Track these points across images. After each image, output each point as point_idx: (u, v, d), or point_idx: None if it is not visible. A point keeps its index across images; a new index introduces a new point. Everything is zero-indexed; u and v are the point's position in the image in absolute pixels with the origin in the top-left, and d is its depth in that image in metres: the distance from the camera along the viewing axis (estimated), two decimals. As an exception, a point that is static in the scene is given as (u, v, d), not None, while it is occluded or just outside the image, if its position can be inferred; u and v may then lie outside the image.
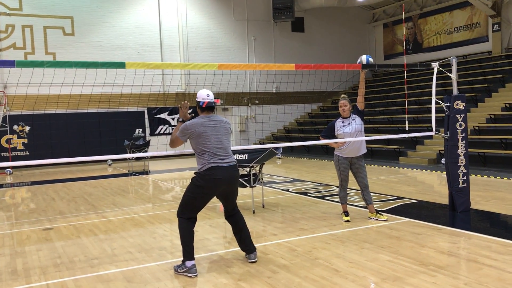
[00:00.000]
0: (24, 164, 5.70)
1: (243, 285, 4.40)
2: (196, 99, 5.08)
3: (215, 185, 4.80)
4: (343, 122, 6.88)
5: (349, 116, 6.89)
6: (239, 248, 5.28)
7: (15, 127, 18.12)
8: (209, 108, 5.02)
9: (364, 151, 6.93)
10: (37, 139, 18.27)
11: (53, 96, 16.59)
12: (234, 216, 5.13)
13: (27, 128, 18.29)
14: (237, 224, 5.09)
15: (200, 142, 4.83)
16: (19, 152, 18.17)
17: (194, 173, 4.92)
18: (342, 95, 7.00)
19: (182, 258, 4.82)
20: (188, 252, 4.78)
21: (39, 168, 17.95)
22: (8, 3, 18.09)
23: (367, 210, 7.04)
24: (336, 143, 6.85)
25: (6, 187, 13.22)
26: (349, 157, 6.84)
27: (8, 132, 17.94)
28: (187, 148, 5.23)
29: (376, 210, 6.99)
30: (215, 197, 5.03)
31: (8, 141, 17.97)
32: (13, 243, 6.40)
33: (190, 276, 4.68)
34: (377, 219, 6.81)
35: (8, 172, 16.70)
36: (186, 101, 5.25)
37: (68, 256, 5.63)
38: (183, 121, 5.13)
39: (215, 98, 5.21)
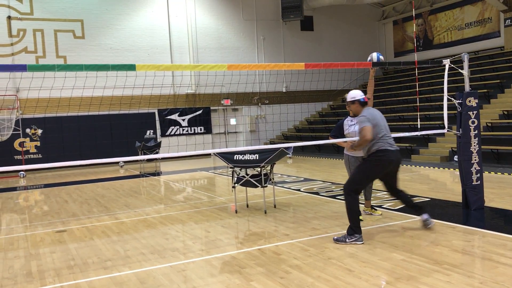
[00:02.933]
0: (37, 167, 5.76)
1: (256, 285, 4.39)
2: (353, 98, 6.09)
3: (388, 165, 5.72)
4: (351, 121, 6.85)
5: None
6: (252, 248, 5.27)
7: (27, 130, 18.31)
8: (366, 103, 6.07)
9: (374, 149, 6.89)
10: (50, 142, 18.44)
11: (64, 99, 16.78)
12: (398, 192, 6.11)
13: (39, 131, 18.46)
14: (401, 197, 6.15)
15: (375, 130, 5.68)
16: (32, 155, 18.35)
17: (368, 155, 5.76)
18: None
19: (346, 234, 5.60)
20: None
21: (52, 171, 18.12)
22: (20, 7, 18.28)
23: (369, 206, 7.13)
24: (346, 142, 6.82)
25: (19, 189, 13.35)
26: (359, 156, 6.80)
27: (21, 135, 18.13)
28: (198, 148, 5.24)
29: (371, 205, 7.12)
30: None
31: (21, 144, 18.16)
32: (28, 246, 6.46)
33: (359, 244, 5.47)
34: (371, 214, 7.01)
35: (22, 175, 16.88)
36: (348, 142, 6.45)
37: (82, 258, 5.67)
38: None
39: (224, 99, 5.33)
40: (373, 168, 5.71)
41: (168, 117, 20.84)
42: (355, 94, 6.08)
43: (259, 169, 7.70)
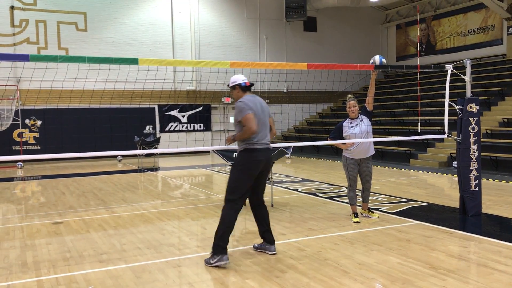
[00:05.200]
0: (35, 158, 5.75)
1: (251, 283, 4.39)
2: (235, 83, 5.26)
3: (257, 166, 5.01)
4: (351, 123, 6.87)
5: (357, 117, 6.86)
6: (248, 246, 5.29)
7: (26, 121, 18.28)
8: (250, 88, 5.31)
9: (372, 152, 6.90)
10: (49, 134, 18.42)
11: (65, 91, 16.71)
12: (261, 207, 5.34)
13: (38, 122, 18.44)
14: (262, 215, 5.33)
15: None
16: (30, 146, 18.33)
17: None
18: (349, 96, 7.00)
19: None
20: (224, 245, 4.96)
21: (50, 162, 18.10)
22: (23, -2, 18.26)
23: (366, 208, 7.16)
24: (344, 144, 6.83)
25: (17, 180, 13.33)
26: (358, 159, 6.82)
27: (20, 126, 18.10)
28: (197, 145, 5.25)
29: (368, 208, 7.13)
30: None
31: (20, 135, 18.13)
32: (23, 236, 6.45)
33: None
34: (368, 216, 7.01)
35: (19, 165, 16.85)
36: (228, 136, 5.33)
37: (78, 250, 5.67)
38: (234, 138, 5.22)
39: (225, 96, 5.30)
40: (241, 171, 5.00)
41: (168, 113, 20.83)
42: (236, 78, 5.25)
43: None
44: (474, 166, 7.06)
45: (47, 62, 5.21)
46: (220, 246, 4.87)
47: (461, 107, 7.08)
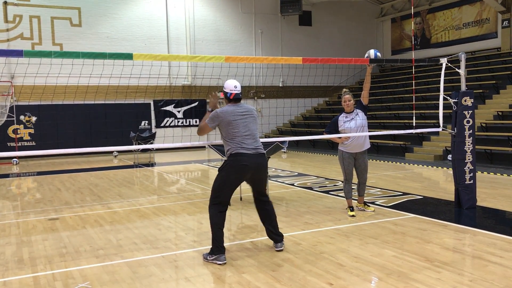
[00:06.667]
0: (30, 154, 5.73)
1: (247, 277, 4.41)
2: (224, 90, 5.22)
3: (242, 171, 4.97)
4: (346, 117, 6.89)
5: (353, 111, 6.88)
6: (245, 241, 5.30)
7: (21, 117, 18.20)
8: (236, 99, 5.19)
9: (368, 146, 6.94)
10: (44, 130, 18.35)
11: (60, 87, 16.64)
12: (264, 204, 5.27)
13: (33, 119, 18.36)
14: (267, 212, 5.25)
15: (229, 130, 5.03)
16: (25, 142, 18.25)
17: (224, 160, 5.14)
18: (345, 90, 7.02)
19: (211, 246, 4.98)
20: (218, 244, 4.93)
21: (45, 159, 18.04)
22: (16, -7, 18.11)
23: (362, 202, 7.18)
24: (340, 138, 6.85)
25: (12, 177, 13.29)
26: (353, 153, 6.84)
27: (15, 122, 18.02)
28: (193, 140, 5.26)
29: (364, 201, 7.17)
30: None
31: (15, 131, 18.06)
32: (19, 233, 6.44)
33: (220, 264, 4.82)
34: (363, 210, 7.06)
35: (15, 162, 16.79)
36: (216, 92, 5.37)
37: (74, 246, 5.67)
38: (212, 111, 5.28)
39: (220, 91, 5.29)
40: (226, 174, 4.99)
41: (164, 108, 20.78)
42: (226, 85, 5.22)
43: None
44: (469, 159, 7.09)
45: (41, 57, 5.19)
46: (216, 246, 4.88)
47: (456, 100, 7.10)
